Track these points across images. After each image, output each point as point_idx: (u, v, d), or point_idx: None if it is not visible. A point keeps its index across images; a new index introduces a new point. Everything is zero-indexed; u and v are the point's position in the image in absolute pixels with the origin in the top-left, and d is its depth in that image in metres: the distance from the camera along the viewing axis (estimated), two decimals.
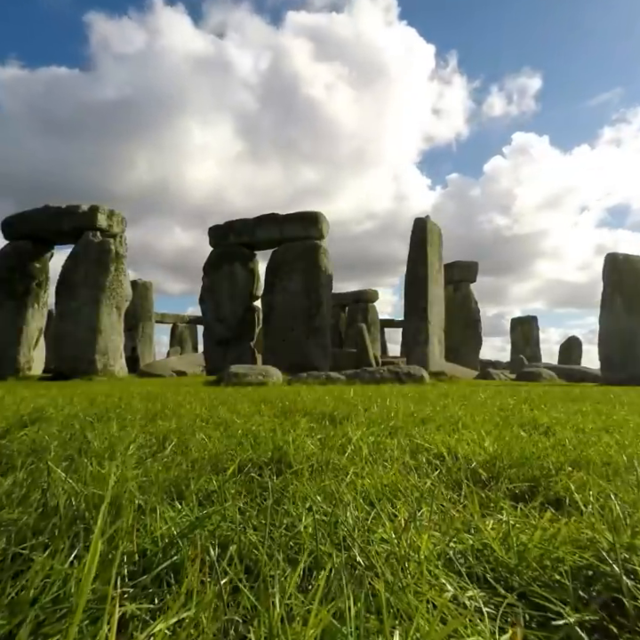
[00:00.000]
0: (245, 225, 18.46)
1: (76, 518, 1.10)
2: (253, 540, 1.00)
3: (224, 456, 1.83)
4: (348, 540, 0.99)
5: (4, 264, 15.43)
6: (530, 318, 33.18)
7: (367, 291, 30.05)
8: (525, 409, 3.99)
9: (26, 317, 15.16)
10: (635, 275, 14.85)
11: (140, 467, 1.60)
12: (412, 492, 1.40)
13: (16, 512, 1.15)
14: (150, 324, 25.89)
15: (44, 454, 1.79)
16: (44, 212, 15.60)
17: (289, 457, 1.79)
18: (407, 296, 17.64)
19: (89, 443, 2.01)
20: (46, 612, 0.72)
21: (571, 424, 2.95)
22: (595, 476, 1.59)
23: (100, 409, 3.56)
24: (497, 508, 1.28)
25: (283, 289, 17.14)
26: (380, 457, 1.88)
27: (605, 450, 2.02)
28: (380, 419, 3.06)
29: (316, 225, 17.45)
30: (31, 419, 2.86)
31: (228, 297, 18.17)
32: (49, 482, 1.33)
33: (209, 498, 1.34)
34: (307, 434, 2.33)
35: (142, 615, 0.75)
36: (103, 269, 14.78)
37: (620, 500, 1.26)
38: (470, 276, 26.49)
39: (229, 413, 3.33)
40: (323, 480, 1.47)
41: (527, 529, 1.05)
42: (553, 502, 1.37)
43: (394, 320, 33.37)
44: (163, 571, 0.87)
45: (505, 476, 1.62)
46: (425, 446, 2.06)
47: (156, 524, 1.05)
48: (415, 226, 17.72)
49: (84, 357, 14.13)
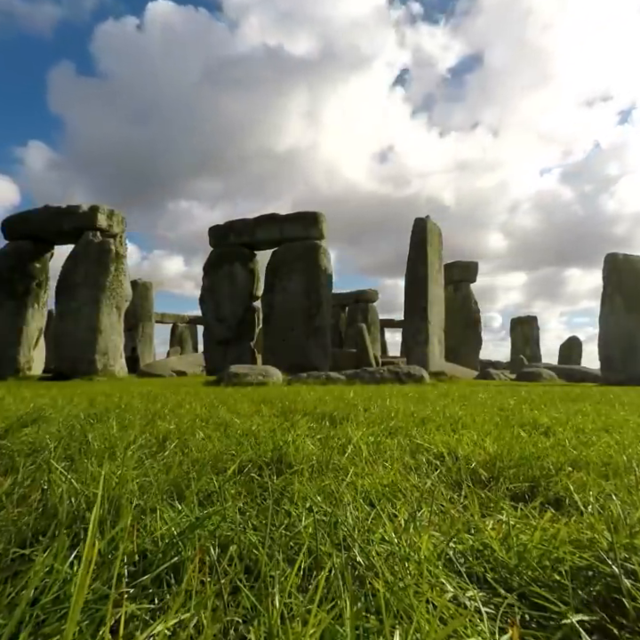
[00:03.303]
0: (245, 225, 18.46)
1: (76, 518, 1.10)
2: (253, 541, 0.99)
3: (224, 456, 1.83)
4: (348, 540, 0.99)
5: (5, 264, 15.43)
6: (530, 318, 33.18)
7: (367, 291, 30.07)
8: (525, 409, 3.99)
9: (26, 317, 15.16)
10: (635, 275, 14.85)
11: (141, 467, 1.60)
12: (412, 492, 1.40)
13: (16, 512, 1.15)
14: (150, 324, 25.89)
15: (44, 454, 1.79)
16: (45, 212, 15.60)
17: (289, 457, 1.79)
18: (407, 296, 17.64)
19: (89, 443, 2.01)
20: (46, 611, 0.72)
21: (571, 424, 2.95)
22: (594, 477, 1.59)
23: (100, 409, 3.56)
24: (497, 508, 1.28)
25: (283, 289, 17.13)
26: (380, 457, 1.88)
27: (605, 450, 2.02)
28: (380, 419, 3.06)
29: (316, 225, 17.45)
30: (31, 419, 2.86)
31: (228, 297, 18.16)
32: (49, 482, 1.33)
33: (209, 498, 1.34)
34: (307, 434, 2.33)
35: (142, 615, 0.75)
36: (103, 269, 14.78)
37: (620, 500, 1.26)
38: (470, 276, 26.48)
39: (229, 413, 3.33)
40: (323, 480, 1.47)
41: (527, 529, 1.05)
42: (553, 502, 1.37)
43: (394, 320, 33.39)
44: (163, 571, 0.87)
45: (505, 476, 1.62)
46: (425, 446, 2.05)
47: (156, 525, 1.05)
48: (415, 226, 17.72)
49: (84, 357, 14.12)
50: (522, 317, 33.42)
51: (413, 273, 17.48)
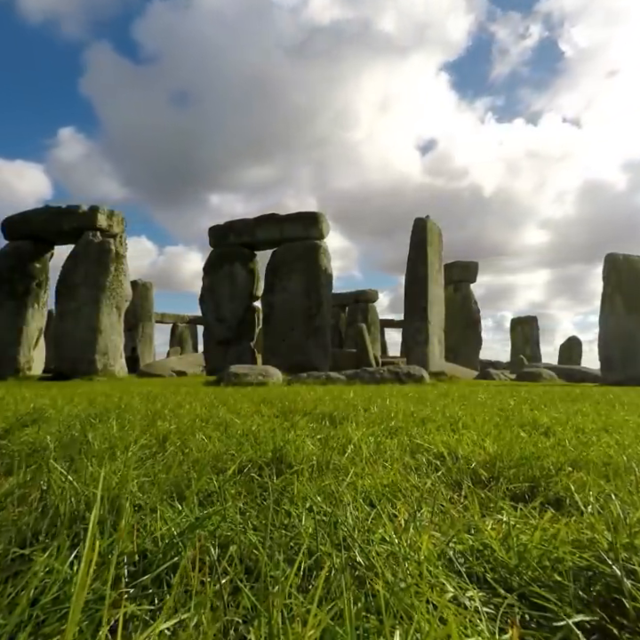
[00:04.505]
0: (245, 225, 18.46)
1: (76, 518, 1.10)
2: (253, 541, 0.99)
3: (224, 456, 1.83)
4: (348, 541, 0.99)
5: (5, 264, 15.42)
6: (530, 318, 33.18)
7: (367, 291, 30.09)
8: (525, 409, 3.99)
9: (26, 317, 15.16)
10: (635, 275, 14.84)
11: (141, 467, 1.60)
12: (413, 492, 1.40)
13: (16, 512, 1.15)
14: (150, 324, 25.88)
15: (44, 454, 1.79)
16: (45, 212, 15.61)
17: (289, 457, 1.79)
18: (407, 296, 17.64)
19: (89, 443, 2.01)
20: (46, 612, 0.72)
21: (571, 424, 2.95)
22: (594, 477, 1.59)
23: (100, 409, 3.56)
24: (497, 508, 1.28)
25: (283, 289, 17.13)
26: (380, 457, 1.88)
27: (605, 450, 2.02)
28: (380, 419, 3.06)
29: (316, 225, 17.45)
30: (31, 419, 2.86)
31: (228, 297, 18.16)
32: (49, 482, 1.33)
33: (209, 498, 1.34)
34: (307, 434, 2.33)
35: (142, 615, 0.75)
36: (103, 269, 14.77)
37: (620, 500, 1.26)
38: (470, 276, 26.48)
39: (229, 413, 3.33)
40: (323, 480, 1.47)
41: (527, 529, 1.05)
42: (553, 502, 1.37)
43: (394, 320, 33.40)
44: (163, 571, 0.87)
45: (505, 476, 1.62)
46: (425, 446, 2.05)
47: (157, 525, 1.05)
48: (415, 226, 17.71)
49: (84, 357, 14.12)
50: (522, 317, 33.42)
51: (413, 273, 17.47)
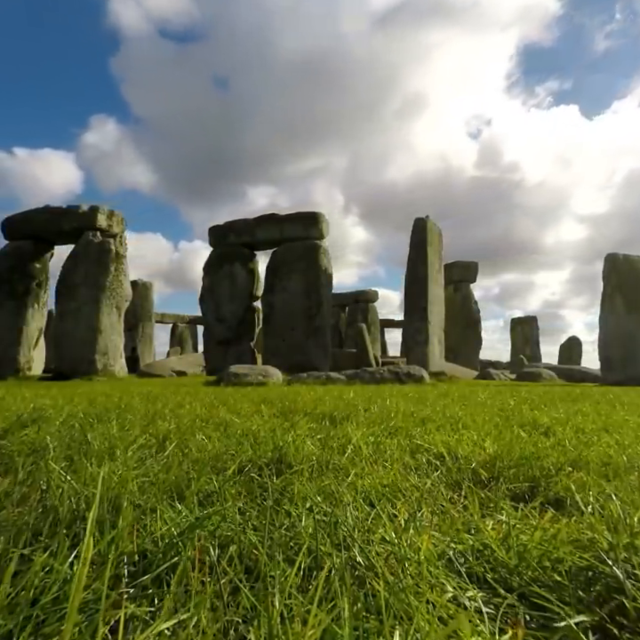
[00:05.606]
0: (245, 225, 18.46)
1: (76, 518, 1.10)
2: (253, 541, 0.99)
3: (224, 456, 1.83)
4: (348, 541, 0.99)
5: (5, 264, 15.42)
6: (530, 318, 33.18)
7: (367, 291, 30.10)
8: (525, 409, 3.99)
9: (26, 317, 15.15)
10: (635, 275, 14.84)
11: (141, 467, 1.60)
12: (412, 492, 1.40)
13: (16, 512, 1.15)
14: (150, 324, 25.87)
15: (43, 454, 1.79)
16: (45, 212, 15.60)
17: (289, 457, 1.79)
18: (407, 296, 17.64)
19: (89, 443, 2.01)
20: (46, 612, 0.72)
21: (571, 424, 2.95)
22: (595, 477, 1.59)
23: (100, 409, 3.56)
24: (497, 508, 1.28)
25: (283, 289, 17.13)
26: (380, 457, 1.88)
27: (605, 450, 2.02)
28: (380, 419, 3.06)
29: (316, 225, 17.44)
30: (31, 419, 2.85)
31: (228, 297, 18.16)
32: (49, 482, 1.33)
33: (209, 498, 1.34)
34: (307, 434, 2.32)
35: (142, 615, 0.75)
36: (103, 269, 14.77)
37: (620, 500, 1.26)
38: (470, 276, 26.47)
39: (229, 413, 3.33)
40: (323, 480, 1.47)
41: (527, 529, 1.05)
42: (553, 502, 1.37)
43: (394, 320, 33.40)
44: (163, 571, 0.87)
45: (505, 476, 1.62)
46: (425, 446, 2.05)
47: (156, 525, 1.05)
48: (415, 226, 17.71)
49: (83, 357, 14.12)
50: (522, 317, 33.43)
51: (413, 273, 17.47)
